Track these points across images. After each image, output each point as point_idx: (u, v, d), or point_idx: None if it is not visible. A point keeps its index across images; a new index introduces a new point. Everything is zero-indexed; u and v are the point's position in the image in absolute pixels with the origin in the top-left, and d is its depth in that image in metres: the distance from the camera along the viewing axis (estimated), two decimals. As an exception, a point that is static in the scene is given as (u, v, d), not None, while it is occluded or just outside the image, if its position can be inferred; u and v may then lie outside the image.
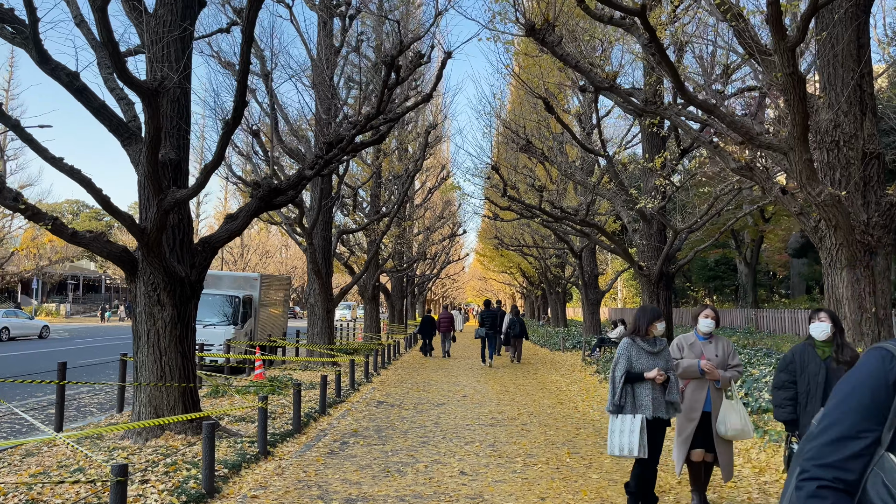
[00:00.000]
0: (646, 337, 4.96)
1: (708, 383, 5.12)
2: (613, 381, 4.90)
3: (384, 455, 7.07)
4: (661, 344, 4.98)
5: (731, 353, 5.20)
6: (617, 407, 4.87)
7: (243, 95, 6.47)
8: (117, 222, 9.07)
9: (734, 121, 7.51)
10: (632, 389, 4.88)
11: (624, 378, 4.84)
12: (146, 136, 6.57)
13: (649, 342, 4.94)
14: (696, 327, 5.30)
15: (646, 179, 15.77)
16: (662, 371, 4.81)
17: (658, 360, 4.87)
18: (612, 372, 4.96)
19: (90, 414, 10.34)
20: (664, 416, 4.86)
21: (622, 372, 4.87)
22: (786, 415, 4.58)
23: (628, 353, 4.90)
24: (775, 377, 4.73)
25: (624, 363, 4.89)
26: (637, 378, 4.85)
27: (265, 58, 14.71)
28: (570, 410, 10.16)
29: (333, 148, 7.80)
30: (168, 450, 6.81)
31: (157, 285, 7.57)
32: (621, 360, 4.90)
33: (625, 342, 4.95)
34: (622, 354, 4.91)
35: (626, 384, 4.86)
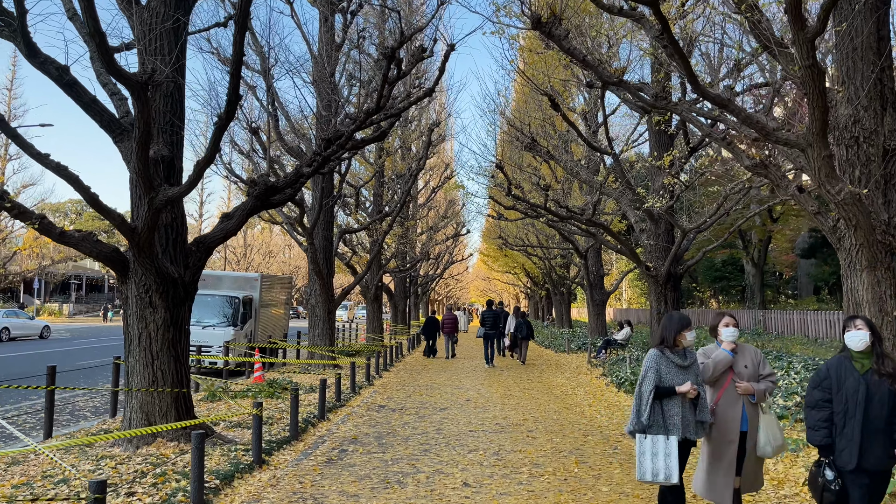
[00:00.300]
0: (675, 348, 4.48)
1: (742, 399, 4.63)
2: (640, 397, 4.40)
3: (384, 464, 6.78)
4: (692, 357, 4.54)
5: (761, 363, 4.76)
6: (643, 426, 4.33)
7: (237, 89, 6.18)
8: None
9: (749, 115, 7.19)
10: (660, 407, 4.39)
11: (653, 394, 4.35)
12: (136, 130, 6.30)
13: (679, 354, 4.47)
14: (718, 339, 4.82)
15: (653, 178, 15.45)
16: (694, 387, 4.38)
17: (688, 375, 4.43)
18: (638, 387, 4.46)
19: (84, 418, 10.08)
20: (692, 436, 4.43)
21: (651, 387, 4.36)
22: (820, 438, 4.06)
23: (657, 366, 4.43)
24: (808, 395, 4.21)
25: (653, 377, 4.39)
26: (666, 394, 4.38)
27: (265, 54, 14.45)
28: (577, 416, 9.86)
29: (332, 144, 7.51)
30: (159, 459, 6.53)
31: (148, 287, 7.30)
32: (649, 374, 4.40)
33: (652, 354, 4.49)
34: (650, 368, 4.43)
35: (655, 401, 4.38)
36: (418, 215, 32.22)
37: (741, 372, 4.68)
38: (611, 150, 13.91)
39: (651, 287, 15.35)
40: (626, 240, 16.08)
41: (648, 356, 4.48)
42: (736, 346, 4.76)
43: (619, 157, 14.90)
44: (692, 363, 4.50)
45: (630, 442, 7.94)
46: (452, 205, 36.19)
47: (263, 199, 7.83)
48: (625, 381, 12.26)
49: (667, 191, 14.42)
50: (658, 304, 15.17)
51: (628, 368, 13.26)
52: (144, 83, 6.12)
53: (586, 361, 18.33)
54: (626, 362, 13.82)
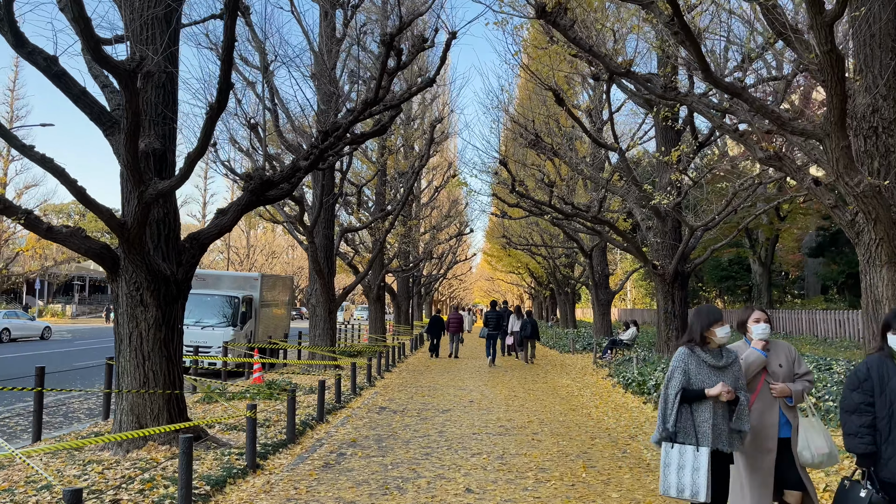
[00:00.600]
0: (706, 346, 3.95)
1: (778, 402, 4.14)
2: (666, 400, 3.89)
3: (383, 469, 6.50)
4: (730, 357, 3.96)
5: (796, 360, 4.28)
6: (669, 434, 3.81)
7: (228, 77, 5.92)
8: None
9: (763, 105, 6.90)
10: (690, 413, 3.85)
11: (679, 397, 3.82)
12: (124, 121, 6.05)
13: (712, 353, 3.93)
14: (748, 335, 4.35)
15: (660, 175, 15.15)
16: (730, 389, 3.82)
17: (724, 377, 3.86)
18: (663, 390, 3.93)
19: (77, 420, 9.84)
20: (726, 448, 3.84)
21: (677, 390, 3.83)
22: (863, 446, 3.59)
23: (685, 365, 3.89)
24: (845, 398, 3.77)
25: (679, 379, 3.86)
26: (695, 397, 3.84)
27: (264, 49, 14.20)
28: (584, 417, 9.56)
29: (329, 137, 7.23)
30: (148, 463, 6.27)
31: (139, 284, 7.04)
32: (675, 374, 3.89)
33: (681, 352, 3.96)
34: (676, 368, 3.91)
35: (683, 405, 3.85)
36: (421, 214, 31.96)
37: (775, 372, 4.20)
38: (617, 143, 13.60)
39: (658, 286, 15.05)
40: (632, 238, 15.78)
41: (676, 355, 3.99)
42: (768, 344, 4.29)
43: (625, 153, 14.61)
44: (730, 363, 3.94)
45: (639, 445, 7.65)
46: (456, 204, 35.92)
47: (259, 193, 7.56)
48: (632, 382, 11.96)
49: (674, 187, 14.12)
50: (665, 304, 14.87)
51: (635, 369, 12.95)
52: (132, 71, 5.85)
53: (592, 362, 18.03)
54: (633, 363, 13.52)
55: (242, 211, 7.69)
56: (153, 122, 7.42)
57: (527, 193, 15.38)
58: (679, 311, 14.76)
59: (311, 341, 15.91)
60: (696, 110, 8.76)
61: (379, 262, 23.54)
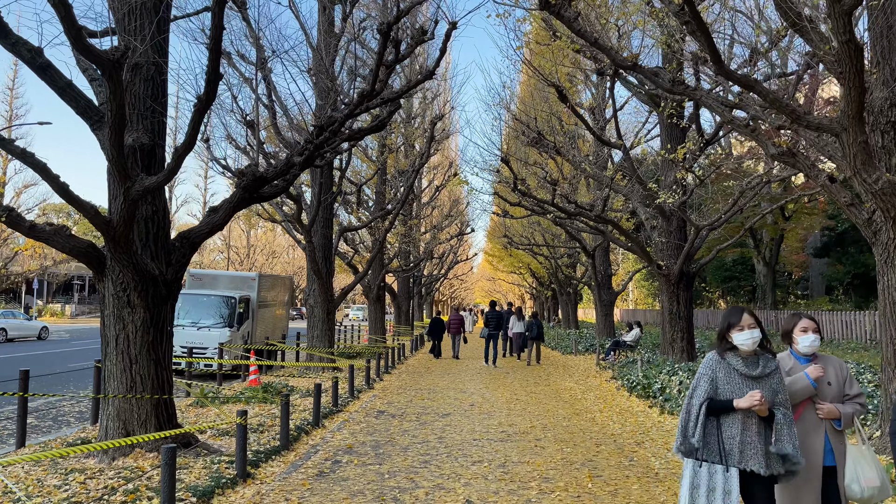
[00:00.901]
0: (738, 352, 3.47)
1: (824, 424, 3.62)
2: (689, 410, 3.47)
3: (380, 478, 6.22)
4: (769, 366, 3.45)
5: (847, 379, 3.72)
6: (690, 448, 3.40)
7: (217, 68, 5.63)
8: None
9: (777, 98, 6.60)
10: (716, 427, 3.41)
11: (705, 408, 3.39)
12: (108, 114, 5.76)
13: (746, 361, 3.44)
14: (794, 347, 3.81)
15: (665, 173, 14.85)
16: (763, 399, 3.32)
17: (759, 389, 3.39)
18: (687, 399, 3.51)
19: (66, 424, 9.56)
20: (760, 469, 3.31)
21: (702, 400, 3.42)
22: None
23: (712, 373, 3.46)
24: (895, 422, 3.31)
25: (705, 388, 3.44)
26: (722, 409, 3.39)
27: (262, 46, 13.92)
28: (588, 422, 9.27)
29: (324, 131, 6.96)
30: (133, 472, 5.99)
31: (126, 285, 6.76)
32: (701, 382, 3.48)
33: (708, 359, 3.54)
34: (702, 375, 3.49)
35: (709, 418, 3.41)
36: (422, 214, 31.68)
37: (823, 390, 3.67)
38: (621, 141, 13.31)
39: (663, 286, 14.75)
40: (636, 238, 15.48)
41: (703, 361, 3.58)
42: (817, 358, 3.76)
43: (629, 151, 14.31)
44: (768, 374, 3.43)
45: (646, 452, 7.36)
46: (457, 204, 35.63)
47: (252, 190, 7.28)
48: (636, 385, 11.67)
49: (679, 185, 13.83)
50: (670, 305, 14.56)
51: (639, 371, 12.66)
52: (117, 61, 5.57)
53: (594, 363, 17.74)
54: (638, 365, 13.22)
55: (235, 208, 7.41)
56: (141, 115, 7.14)
57: (529, 192, 15.09)
58: (684, 312, 14.47)
59: (309, 342, 15.63)
60: (704, 105, 8.46)
61: (379, 261, 23.26)
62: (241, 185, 7.21)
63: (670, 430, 8.65)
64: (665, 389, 10.67)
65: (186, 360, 12.42)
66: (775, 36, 10.54)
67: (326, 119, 6.98)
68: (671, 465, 6.72)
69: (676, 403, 9.68)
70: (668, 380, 11.15)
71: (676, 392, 10.26)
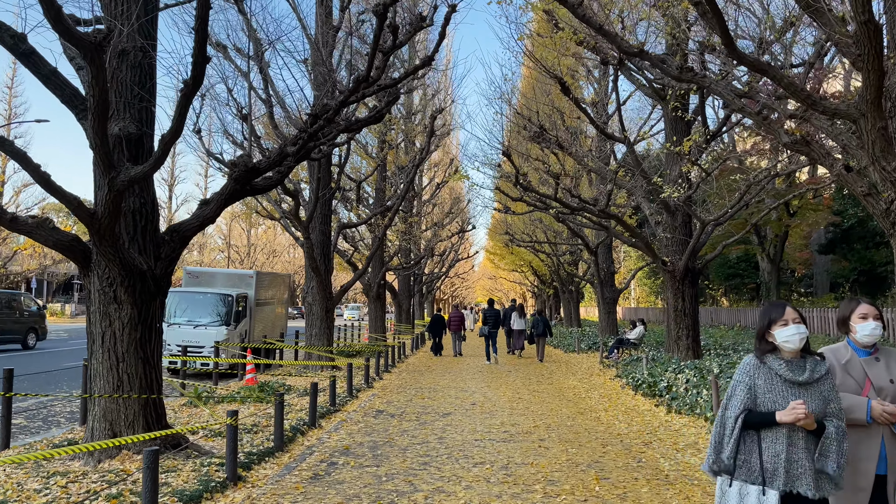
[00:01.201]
0: (780, 354, 2.98)
1: (881, 430, 3.12)
2: (723, 424, 2.99)
3: (377, 481, 5.94)
4: (818, 370, 2.95)
5: None
6: (724, 467, 2.94)
7: (203, 50, 5.36)
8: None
9: (792, 83, 6.32)
10: (756, 442, 2.92)
11: (741, 421, 2.92)
12: (91, 100, 5.48)
13: (791, 364, 2.93)
14: (852, 336, 3.29)
15: (670, 167, 14.56)
16: (808, 412, 2.82)
17: (807, 397, 2.89)
18: (721, 410, 3.04)
19: (56, 424, 9.29)
20: (809, 491, 2.84)
21: (738, 411, 2.93)
22: None
23: (750, 380, 2.97)
24: None
25: (742, 397, 2.95)
26: (762, 422, 2.91)
27: (259, 39, 13.65)
28: (593, 422, 8.99)
29: (318, 120, 6.68)
30: (118, 475, 5.72)
31: (112, 280, 6.49)
32: (737, 390, 2.98)
33: (746, 363, 3.03)
34: (739, 382, 3.00)
35: (746, 432, 2.93)
36: (423, 211, 31.40)
37: (884, 388, 3.15)
38: (625, 134, 13.02)
39: (668, 283, 14.46)
40: (640, 233, 15.20)
41: (740, 366, 3.08)
42: (878, 351, 3.24)
43: (633, 145, 14.03)
44: (817, 379, 2.92)
45: (654, 453, 7.08)
46: (458, 201, 35.36)
47: (244, 182, 7.00)
48: (642, 384, 11.38)
49: (685, 179, 13.54)
50: (675, 302, 14.28)
51: (644, 369, 12.37)
52: (99, 44, 5.30)
53: (598, 361, 17.45)
54: (643, 363, 12.93)
55: (227, 201, 7.13)
56: (128, 104, 6.87)
57: (531, 187, 14.81)
58: (689, 309, 14.18)
59: (308, 341, 15.36)
60: (714, 92, 8.17)
61: (378, 259, 22.99)
62: (233, 177, 6.93)
63: (678, 429, 8.37)
64: (671, 388, 10.39)
65: (181, 359, 12.15)
66: (784, 25, 10.27)
67: (320, 107, 6.70)
68: (681, 467, 6.44)
69: (684, 402, 9.40)
70: (674, 378, 10.87)
71: (683, 391, 9.97)
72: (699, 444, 7.48)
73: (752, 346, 16.12)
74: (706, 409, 8.67)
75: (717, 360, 12.75)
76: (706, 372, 10.90)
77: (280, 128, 13.86)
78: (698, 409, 8.91)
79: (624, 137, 13.38)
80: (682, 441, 7.63)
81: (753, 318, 28.04)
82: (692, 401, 9.26)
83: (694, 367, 11.65)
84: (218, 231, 62.46)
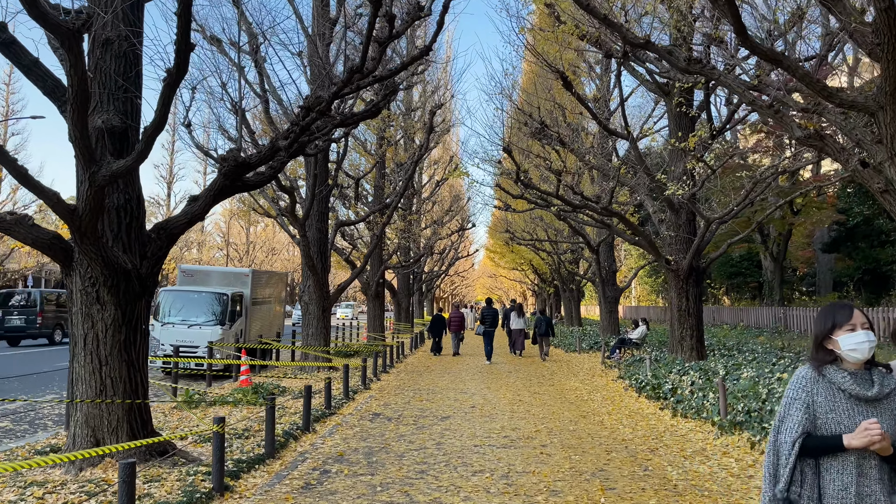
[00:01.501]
0: (841, 364, 2.49)
1: None
2: (776, 451, 2.48)
3: (371, 491, 5.66)
4: (888, 384, 2.44)
5: None
6: (784, 500, 2.42)
7: (187, 35, 5.06)
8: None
9: (807, 74, 6.03)
10: (815, 472, 2.44)
11: (798, 447, 2.42)
12: (69, 89, 5.20)
13: (857, 378, 2.45)
14: None
15: (674, 164, 14.26)
16: (884, 433, 2.32)
17: (875, 415, 2.39)
18: (773, 433, 2.53)
19: (43, 428, 9.02)
20: None
21: (795, 435, 2.44)
22: None
23: (808, 396, 2.47)
24: None
25: (798, 418, 2.45)
26: (826, 448, 2.41)
27: (255, 33, 13.36)
28: (596, 426, 8.71)
29: (311, 112, 6.39)
30: (98, 485, 5.44)
31: (95, 279, 6.21)
32: (792, 409, 2.48)
33: (801, 375, 2.54)
34: (794, 400, 2.49)
35: (805, 460, 2.45)
36: (423, 209, 31.10)
37: None
38: (628, 130, 12.72)
39: (671, 282, 14.18)
40: (643, 231, 14.91)
41: (793, 379, 2.55)
42: None
43: (636, 141, 13.73)
44: (888, 394, 2.43)
45: (661, 461, 6.80)
46: (458, 199, 35.05)
47: (234, 177, 6.71)
48: (645, 386, 11.10)
49: (689, 176, 13.24)
50: (679, 301, 13.99)
51: (648, 371, 12.09)
52: (77, 30, 5.02)
53: (599, 362, 17.17)
54: (646, 364, 12.65)
55: (216, 197, 6.84)
56: (112, 96, 6.57)
57: (532, 183, 14.52)
58: (694, 308, 13.90)
59: (304, 341, 15.08)
60: (723, 84, 7.88)
61: (377, 256, 22.70)
62: (223, 172, 6.64)
63: (685, 434, 8.09)
64: (676, 390, 10.11)
65: (173, 360, 11.86)
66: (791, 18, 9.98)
67: (313, 99, 6.41)
68: (690, 476, 6.16)
69: (689, 405, 9.12)
70: (678, 380, 10.59)
71: (689, 393, 9.69)
72: (707, 450, 7.20)
73: (756, 347, 15.70)
74: (713, 412, 8.38)
75: (722, 362, 12.47)
76: (712, 374, 10.62)
77: (276, 123, 13.58)
78: (705, 412, 8.62)
79: (627, 133, 13.08)
80: (690, 447, 7.35)
81: (756, 318, 27.77)
82: (698, 404, 8.98)
83: (699, 368, 11.37)
84: (217, 229, 62.18)
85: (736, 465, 6.50)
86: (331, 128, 8.14)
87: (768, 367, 11.13)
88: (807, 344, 18.88)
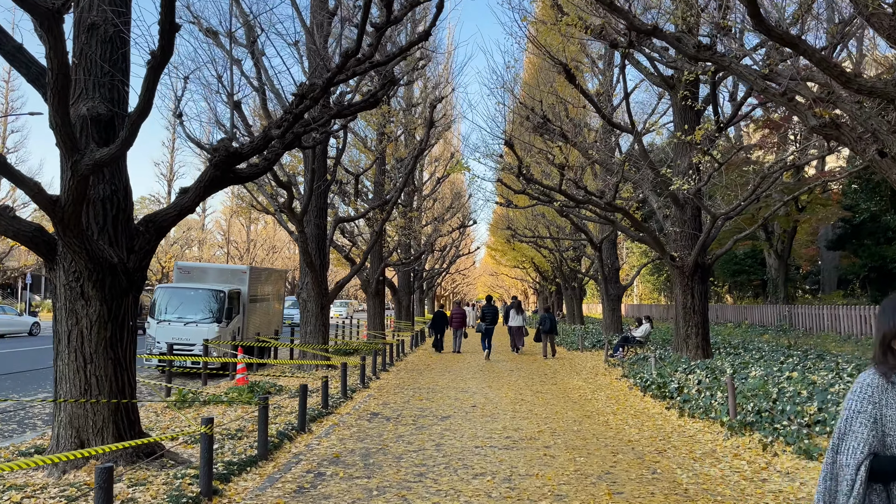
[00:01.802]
0: None
1: None
2: (835, 474, 2.12)
3: (367, 495, 5.40)
4: None
5: None
6: None
7: (171, 15, 4.80)
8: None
9: (824, 59, 5.76)
10: (885, 499, 2.09)
11: (865, 470, 2.05)
12: (49, 74, 4.94)
13: None
14: None
15: (679, 158, 13.98)
16: None
17: None
18: (830, 452, 2.16)
19: (32, 428, 8.76)
20: None
21: (861, 456, 2.06)
22: None
23: (875, 409, 2.09)
24: None
25: (864, 432, 2.08)
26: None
27: (251, 25, 13.10)
28: (601, 426, 8.44)
29: (304, 100, 6.12)
30: (81, 489, 5.18)
31: (79, 274, 5.95)
32: (856, 423, 2.11)
33: (866, 384, 2.14)
34: (858, 413, 2.11)
35: (874, 485, 2.08)
36: (423, 206, 30.83)
37: None
38: (632, 123, 12.45)
39: (676, 279, 13.90)
40: (647, 227, 14.64)
41: (854, 387, 2.17)
42: None
43: (640, 135, 13.46)
44: None
45: (670, 463, 6.53)
46: (459, 196, 34.76)
47: (225, 168, 6.45)
48: (650, 384, 10.84)
49: (695, 171, 12.96)
50: (684, 298, 13.72)
51: (653, 369, 11.82)
52: (57, 11, 4.76)
53: (602, 360, 16.91)
54: (651, 362, 12.38)
55: (206, 189, 6.58)
56: (98, 83, 6.31)
57: (534, 178, 14.25)
58: (699, 306, 13.63)
59: (303, 339, 14.82)
60: (733, 72, 7.61)
61: (377, 253, 22.45)
62: (213, 162, 6.38)
63: (693, 435, 7.83)
64: (683, 389, 9.84)
65: (166, 358, 11.60)
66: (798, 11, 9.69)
67: (307, 87, 6.14)
68: (700, 479, 5.89)
69: (697, 405, 8.85)
70: (685, 379, 10.33)
71: (696, 392, 9.43)
72: (717, 452, 6.94)
73: (762, 345, 15.37)
74: (721, 412, 8.12)
75: (728, 360, 12.20)
76: (719, 372, 10.36)
77: (273, 118, 13.31)
78: (713, 412, 8.36)
79: (631, 127, 12.81)
80: (699, 449, 7.09)
81: (760, 316, 27.49)
82: (706, 403, 8.71)
83: (705, 367, 11.10)
84: (217, 227, 61.96)
85: (748, 468, 6.24)
86: (327, 118, 7.87)
87: (776, 366, 10.86)
88: (813, 342, 18.58)
